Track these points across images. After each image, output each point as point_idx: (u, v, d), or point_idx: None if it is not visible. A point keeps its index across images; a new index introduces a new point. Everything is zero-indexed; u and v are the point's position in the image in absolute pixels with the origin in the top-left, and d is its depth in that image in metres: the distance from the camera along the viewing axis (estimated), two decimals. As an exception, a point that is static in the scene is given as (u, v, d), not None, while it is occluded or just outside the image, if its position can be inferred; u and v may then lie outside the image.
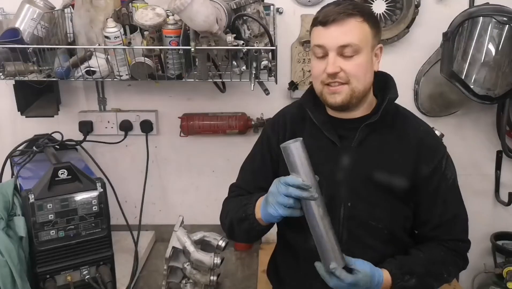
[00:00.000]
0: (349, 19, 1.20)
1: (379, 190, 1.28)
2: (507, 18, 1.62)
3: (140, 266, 1.86)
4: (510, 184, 2.00)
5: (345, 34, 1.20)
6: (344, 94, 1.24)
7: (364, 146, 1.29)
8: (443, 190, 1.31)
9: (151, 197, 2.04)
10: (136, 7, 1.57)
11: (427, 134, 1.34)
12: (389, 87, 1.31)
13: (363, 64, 1.22)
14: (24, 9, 1.60)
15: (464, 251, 1.34)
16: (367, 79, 1.25)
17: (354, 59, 1.21)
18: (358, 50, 1.20)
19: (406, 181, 1.28)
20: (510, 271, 1.82)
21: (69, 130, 1.93)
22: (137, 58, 1.53)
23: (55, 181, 1.49)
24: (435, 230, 1.32)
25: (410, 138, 1.30)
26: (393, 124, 1.32)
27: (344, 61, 1.21)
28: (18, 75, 1.60)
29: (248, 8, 1.50)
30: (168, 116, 1.99)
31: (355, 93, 1.24)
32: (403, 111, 1.37)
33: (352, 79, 1.22)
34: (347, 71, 1.21)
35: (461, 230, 1.34)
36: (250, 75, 1.56)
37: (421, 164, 1.29)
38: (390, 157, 1.29)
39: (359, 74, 1.22)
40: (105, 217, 1.54)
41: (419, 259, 1.29)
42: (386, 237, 1.31)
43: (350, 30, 1.20)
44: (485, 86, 1.67)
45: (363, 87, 1.25)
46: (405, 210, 1.32)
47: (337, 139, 1.30)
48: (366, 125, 1.27)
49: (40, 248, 1.46)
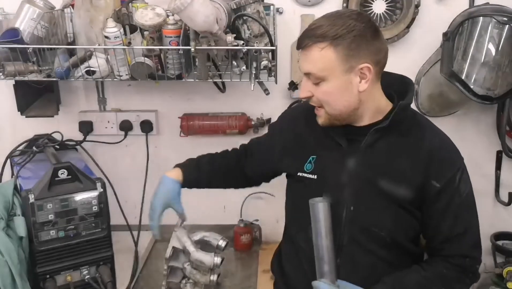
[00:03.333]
0: (311, 47, 1.16)
1: (383, 197, 1.25)
2: (507, 18, 1.62)
3: (140, 266, 1.86)
4: (510, 184, 2.00)
5: (307, 62, 1.19)
6: (322, 117, 1.25)
7: (371, 150, 1.26)
8: (455, 205, 1.25)
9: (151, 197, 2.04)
10: (136, 7, 1.57)
11: (442, 147, 1.27)
12: (407, 92, 1.27)
13: (331, 91, 1.19)
14: (24, 9, 1.60)
15: (471, 267, 1.27)
16: (343, 102, 1.21)
17: (320, 86, 1.19)
18: (322, 78, 1.18)
19: (412, 192, 1.24)
20: (510, 271, 1.82)
21: (69, 130, 1.93)
22: (137, 58, 1.53)
23: (55, 181, 1.49)
24: (442, 244, 1.27)
25: (423, 149, 1.25)
26: (407, 132, 1.26)
27: (314, 87, 1.21)
28: (18, 75, 1.60)
29: (248, 8, 1.50)
30: (168, 116, 1.99)
31: (332, 116, 1.23)
32: (420, 119, 1.32)
33: (324, 104, 1.22)
34: (317, 96, 1.21)
35: (470, 246, 1.27)
36: (250, 75, 1.56)
37: (431, 178, 1.23)
38: (398, 165, 1.24)
39: (328, 101, 1.21)
40: (105, 217, 1.55)
41: (417, 277, 1.25)
42: (388, 244, 1.27)
43: (311, 59, 1.18)
44: (485, 86, 1.67)
45: (338, 112, 1.22)
46: (410, 220, 1.28)
47: (344, 141, 1.28)
48: (375, 130, 1.24)
49: (40, 248, 1.46)
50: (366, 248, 1.28)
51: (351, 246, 1.28)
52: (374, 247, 1.28)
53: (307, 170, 1.33)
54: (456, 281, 1.27)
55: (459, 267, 1.26)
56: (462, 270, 1.26)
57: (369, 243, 1.28)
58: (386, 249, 1.28)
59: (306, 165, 1.33)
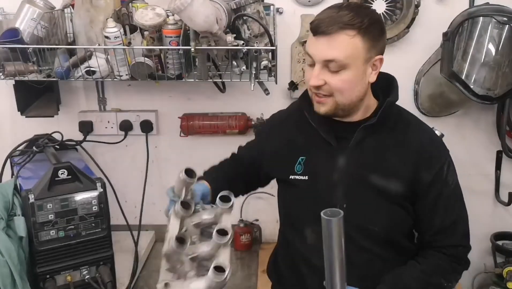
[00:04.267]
0: (339, 33, 1.14)
1: (375, 193, 1.26)
2: (507, 18, 1.62)
3: (140, 266, 1.86)
4: (510, 184, 1.99)
5: (331, 49, 1.15)
6: (328, 106, 1.22)
7: (361, 147, 1.27)
8: (445, 197, 1.27)
9: (151, 197, 2.04)
10: (136, 7, 1.57)
11: (429, 141, 1.30)
12: (391, 89, 1.29)
13: (350, 79, 1.18)
14: (24, 9, 1.60)
15: (463, 255, 1.31)
16: (356, 92, 1.21)
17: (339, 74, 1.17)
18: (344, 66, 1.16)
19: (403, 186, 1.25)
20: (510, 271, 1.82)
21: (69, 130, 1.93)
22: (137, 58, 1.53)
23: (55, 181, 1.49)
24: (434, 236, 1.30)
25: (411, 144, 1.27)
26: (394, 128, 1.29)
27: (329, 75, 1.18)
28: (18, 75, 1.60)
29: (248, 8, 1.49)
30: (168, 116, 1.99)
31: (339, 106, 1.22)
32: (406, 116, 1.34)
33: (336, 93, 1.20)
34: (331, 85, 1.18)
35: (461, 235, 1.31)
36: (250, 75, 1.56)
37: (421, 171, 1.25)
38: (388, 161, 1.26)
39: (344, 89, 1.19)
40: (105, 217, 1.54)
41: (415, 272, 1.26)
42: (383, 240, 1.29)
43: (338, 45, 1.14)
44: (485, 86, 1.67)
45: (349, 101, 1.22)
46: (403, 215, 1.29)
47: (333, 140, 1.29)
48: (364, 127, 1.25)
49: (40, 248, 1.46)
50: (361, 246, 1.28)
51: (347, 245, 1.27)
52: (369, 245, 1.29)
53: (297, 171, 1.33)
54: (452, 271, 1.30)
55: (453, 256, 1.29)
56: (456, 260, 1.29)
57: (364, 240, 1.28)
58: (381, 246, 1.29)
59: (296, 166, 1.33)
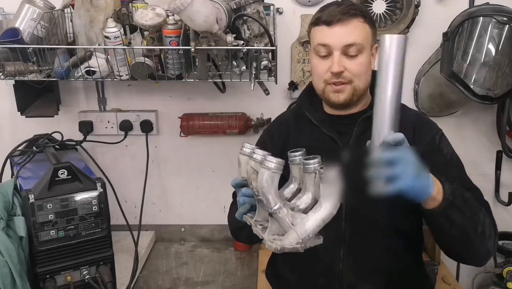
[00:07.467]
0: (353, 19, 1.23)
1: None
2: (507, 18, 1.62)
3: (140, 266, 1.86)
4: (510, 184, 2.00)
5: (349, 34, 1.23)
6: (346, 93, 1.27)
7: (362, 140, 1.27)
8: (440, 164, 1.23)
9: (151, 197, 2.04)
10: (136, 7, 1.57)
11: (419, 117, 1.37)
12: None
13: (365, 63, 1.26)
14: (24, 9, 1.60)
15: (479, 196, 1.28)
16: (368, 77, 1.29)
17: (357, 58, 1.24)
18: (361, 50, 1.24)
19: None
20: (510, 271, 1.82)
21: (69, 130, 1.93)
22: (137, 58, 1.53)
23: (55, 181, 1.48)
24: None
25: (405, 126, 1.23)
26: None
27: (348, 61, 1.24)
28: (18, 75, 1.60)
29: (248, 8, 1.49)
30: (168, 116, 1.99)
31: (356, 92, 1.27)
32: None
33: (355, 78, 1.26)
34: (351, 70, 1.25)
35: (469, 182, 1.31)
36: (250, 75, 1.56)
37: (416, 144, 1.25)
38: None
39: (361, 73, 1.26)
40: (105, 217, 1.54)
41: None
42: (391, 232, 1.30)
43: (354, 30, 1.23)
44: (485, 86, 1.67)
45: (364, 86, 1.29)
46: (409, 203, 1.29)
47: (336, 136, 1.32)
48: (363, 120, 1.29)
49: (40, 248, 1.46)
50: (369, 239, 1.29)
51: (354, 239, 1.29)
52: (377, 237, 1.30)
53: None
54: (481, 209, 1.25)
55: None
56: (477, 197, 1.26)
57: (372, 233, 1.29)
58: (389, 238, 1.30)
59: None
